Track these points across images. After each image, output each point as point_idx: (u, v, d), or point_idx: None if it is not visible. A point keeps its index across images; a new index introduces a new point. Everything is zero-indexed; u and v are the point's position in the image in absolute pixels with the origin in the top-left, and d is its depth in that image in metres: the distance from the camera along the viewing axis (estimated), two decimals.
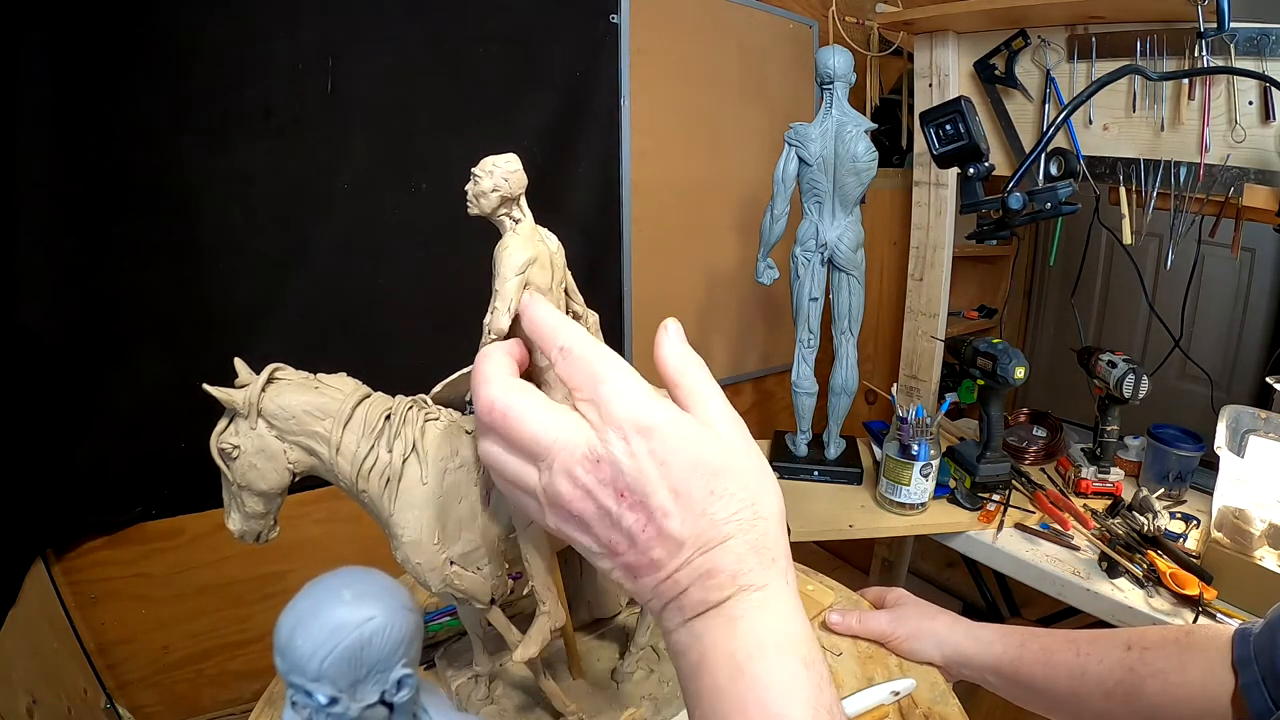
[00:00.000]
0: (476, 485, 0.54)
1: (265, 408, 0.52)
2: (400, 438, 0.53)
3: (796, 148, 1.23)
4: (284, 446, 0.53)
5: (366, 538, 1.36)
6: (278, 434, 0.52)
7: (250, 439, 0.52)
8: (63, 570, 1.06)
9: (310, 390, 0.53)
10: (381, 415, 0.54)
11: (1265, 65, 1.12)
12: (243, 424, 0.52)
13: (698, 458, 0.33)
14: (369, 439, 0.53)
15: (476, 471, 0.55)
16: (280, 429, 0.52)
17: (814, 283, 1.29)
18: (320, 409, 0.53)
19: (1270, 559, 0.99)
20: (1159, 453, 1.27)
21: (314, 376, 0.56)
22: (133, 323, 1.05)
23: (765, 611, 0.33)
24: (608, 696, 0.71)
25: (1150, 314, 1.62)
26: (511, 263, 0.53)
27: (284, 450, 0.53)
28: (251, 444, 0.52)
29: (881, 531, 1.25)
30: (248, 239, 1.13)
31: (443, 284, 1.31)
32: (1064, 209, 0.96)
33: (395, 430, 0.53)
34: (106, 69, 0.97)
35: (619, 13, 1.48)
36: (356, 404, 0.53)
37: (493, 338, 0.51)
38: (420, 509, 0.53)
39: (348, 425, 0.52)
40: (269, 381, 0.52)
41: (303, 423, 0.52)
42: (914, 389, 1.71)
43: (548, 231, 0.61)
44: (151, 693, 1.19)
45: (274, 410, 0.52)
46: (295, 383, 0.54)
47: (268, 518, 0.55)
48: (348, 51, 1.16)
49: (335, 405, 0.53)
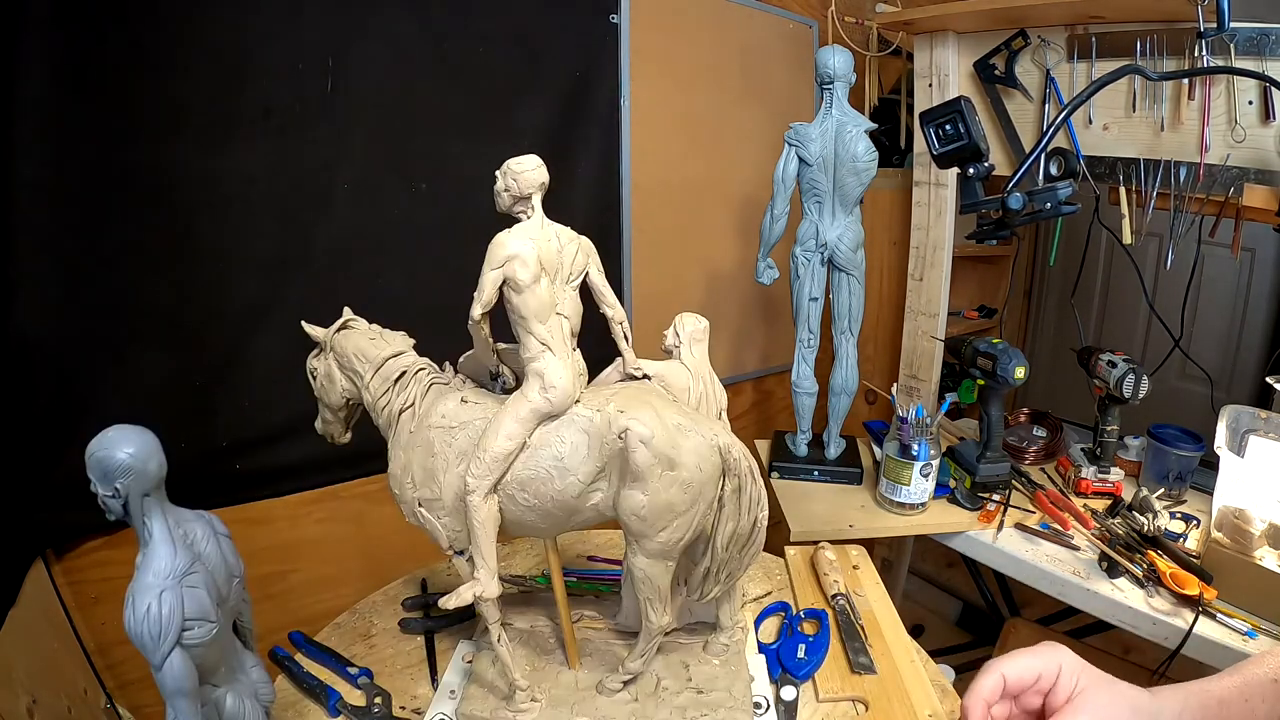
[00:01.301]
0: (450, 446, 0.64)
1: (334, 344, 0.68)
2: (404, 390, 0.66)
3: (796, 148, 1.23)
4: (341, 375, 0.68)
5: (367, 537, 1.36)
6: (339, 365, 0.68)
7: (323, 365, 0.70)
8: (63, 570, 1.06)
9: (367, 339, 0.68)
10: (399, 370, 0.67)
11: (1265, 65, 1.12)
12: (322, 355, 0.69)
13: None
14: (385, 386, 0.66)
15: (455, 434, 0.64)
16: (340, 362, 0.68)
17: (814, 283, 1.29)
18: (365, 354, 0.67)
19: (1270, 559, 0.99)
20: (1159, 453, 1.27)
21: (377, 329, 0.70)
22: (133, 323, 1.05)
23: None
24: (578, 699, 0.72)
25: (1150, 314, 1.62)
26: (491, 258, 0.61)
27: (340, 378, 0.69)
28: (323, 369, 0.70)
29: (881, 531, 1.25)
30: (248, 239, 1.13)
31: (443, 283, 1.30)
32: (1064, 209, 0.96)
33: (405, 385, 0.66)
34: (106, 69, 0.97)
35: (619, 13, 1.48)
36: (389, 357, 0.67)
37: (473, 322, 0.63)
38: (404, 451, 0.65)
39: (378, 372, 0.66)
40: (343, 326, 0.69)
41: (351, 362, 0.67)
42: (914, 389, 1.71)
43: (563, 228, 0.64)
44: (151, 693, 1.17)
45: (338, 348, 0.68)
46: (360, 331, 0.69)
47: (335, 425, 0.73)
48: (348, 51, 1.16)
49: (375, 354, 0.67)
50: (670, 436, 0.61)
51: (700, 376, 0.75)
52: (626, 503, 0.62)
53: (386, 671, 0.81)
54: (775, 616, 0.91)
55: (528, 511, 0.65)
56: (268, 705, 0.59)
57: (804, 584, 0.98)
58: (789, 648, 0.82)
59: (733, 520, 0.66)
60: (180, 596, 0.46)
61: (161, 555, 0.47)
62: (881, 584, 1.00)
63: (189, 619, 0.46)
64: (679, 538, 0.64)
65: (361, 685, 0.78)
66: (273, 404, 1.18)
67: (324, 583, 1.30)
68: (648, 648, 0.72)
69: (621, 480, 0.63)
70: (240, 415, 1.15)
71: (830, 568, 0.98)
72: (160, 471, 0.49)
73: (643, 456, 0.60)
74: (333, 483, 1.31)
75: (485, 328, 0.65)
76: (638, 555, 0.65)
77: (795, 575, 1.00)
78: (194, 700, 0.47)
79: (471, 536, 0.64)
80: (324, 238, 1.20)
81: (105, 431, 0.48)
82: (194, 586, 0.47)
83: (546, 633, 0.82)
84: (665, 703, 0.71)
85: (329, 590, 1.28)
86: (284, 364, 1.17)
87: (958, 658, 1.80)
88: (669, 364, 0.75)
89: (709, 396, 0.76)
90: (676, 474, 0.61)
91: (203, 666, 0.49)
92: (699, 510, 0.63)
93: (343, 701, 0.75)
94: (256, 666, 0.58)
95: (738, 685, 0.74)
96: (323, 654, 0.83)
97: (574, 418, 0.64)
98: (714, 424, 0.67)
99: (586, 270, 0.66)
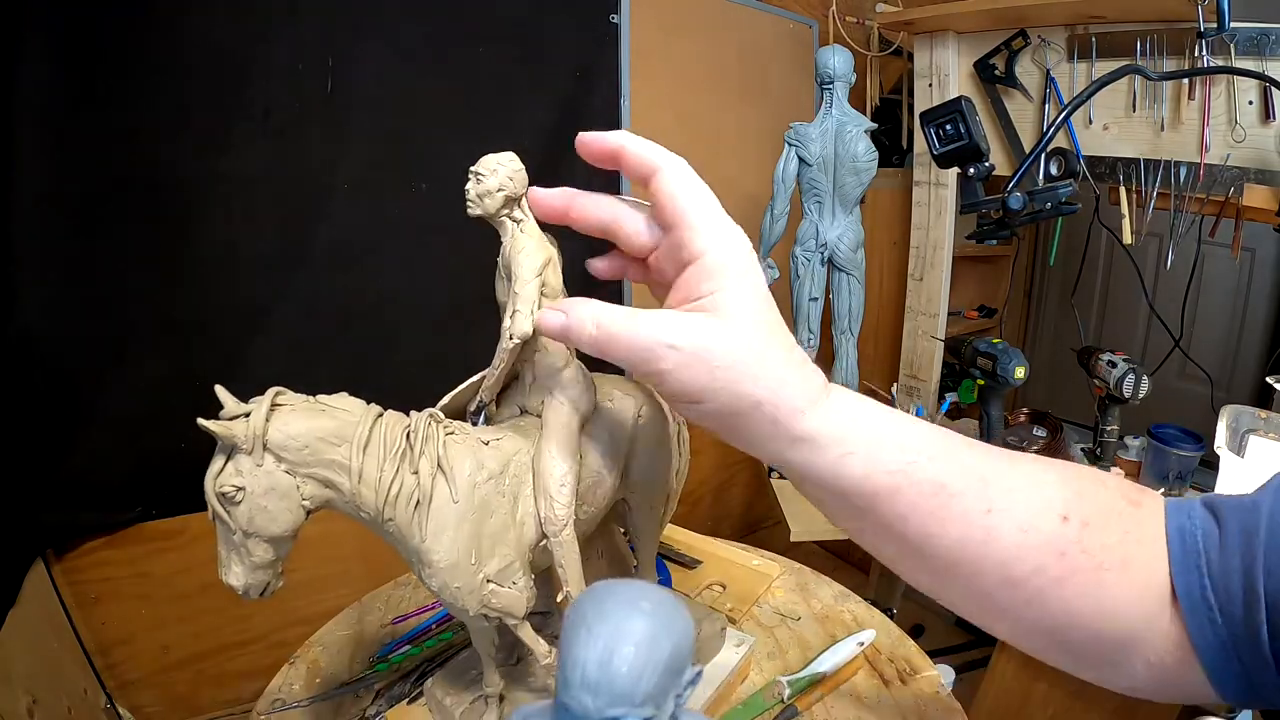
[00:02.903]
0: (504, 496, 0.52)
1: (272, 439, 0.44)
2: (425, 456, 0.49)
3: (796, 148, 1.23)
4: (296, 482, 0.45)
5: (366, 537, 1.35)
6: (288, 468, 0.45)
7: (256, 477, 0.44)
8: (63, 570, 1.06)
9: (319, 414, 0.46)
10: (402, 434, 0.49)
11: (1265, 65, 1.12)
12: (245, 460, 0.44)
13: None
14: (392, 461, 0.47)
15: (503, 482, 0.52)
16: (291, 461, 0.45)
17: (814, 283, 1.29)
18: (335, 434, 0.46)
19: None
20: (1159, 453, 1.27)
21: (316, 399, 0.49)
22: (132, 323, 1.05)
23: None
24: None
25: (1150, 314, 1.62)
26: (531, 265, 0.51)
27: (296, 486, 0.45)
28: (258, 483, 0.44)
29: None
30: (247, 239, 1.13)
31: (443, 284, 1.31)
32: (1064, 209, 0.97)
33: (419, 449, 0.49)
34: (106, 69, 0.97)
35: (619, 13, 1.48)
36: (373, 424, 0.48)
37: (515, 342, 0.50)
38: (454, 530, 0.50)
39: (367, 449, 0.47)
40: (272, 408, 0.45)
41: (317, 451, 0.45)
42: (914, 389, 1.71)
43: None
44: (151, 693, 1.18)
45: (282, 441, 0.44)
46: (301, 408, 0.46)
47: (275, 565, 0.47)
48: (348, 51, 1.16)
49: (350, 428, 0.47)
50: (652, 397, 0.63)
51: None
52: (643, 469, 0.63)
53: None
54: None
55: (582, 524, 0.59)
56: None
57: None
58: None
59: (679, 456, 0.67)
60: None
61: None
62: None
63: None
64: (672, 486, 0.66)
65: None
66: None
67: (324, 583, 1.30)
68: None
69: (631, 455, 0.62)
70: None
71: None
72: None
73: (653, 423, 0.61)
74: None
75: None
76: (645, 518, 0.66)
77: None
78: None
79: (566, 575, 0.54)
80: (324, 238, 1.20)
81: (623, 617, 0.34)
82: None
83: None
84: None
85: (329, 590, 1.28)
86: (284, 364, 1.18)
87: (958, 658, 1.80)
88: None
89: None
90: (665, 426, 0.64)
91: None
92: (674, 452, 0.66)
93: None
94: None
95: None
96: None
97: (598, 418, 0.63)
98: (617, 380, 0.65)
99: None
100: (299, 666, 0.75)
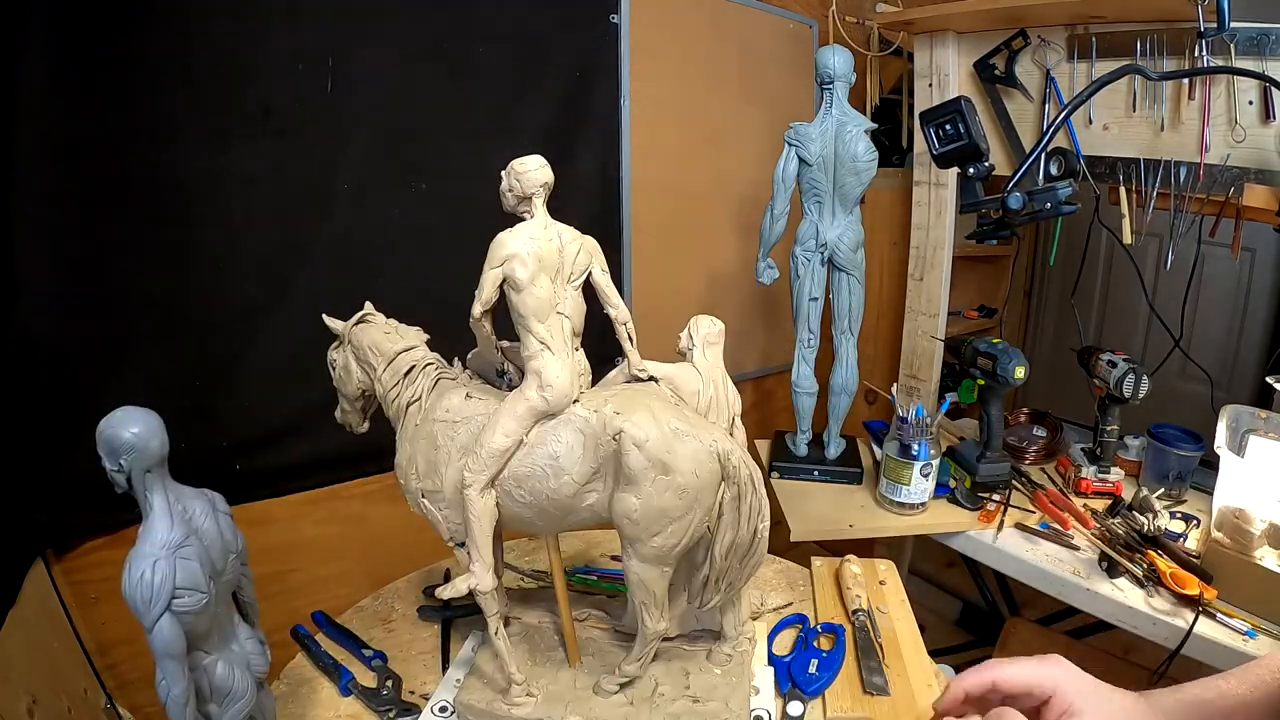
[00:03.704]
0: (453, 440, 0.65)
1: (351, 337, 0.70)
2: (413, 384, 0.68)
3: (796, 147, 1.23)
4: (357, 367, 0.70)
5: (366, 537, 1.36)
6: (355, 358, 0.70)
7: (341, 357, 0.71)
8: (63, 570, 1.06)
9: (382, 333, 0.70)
10: (409, 364, 0.68)
11: (1265, 65, 1.12)
12: (340, 347, 0.71)
13: None
14: (395, 379, 0.68)
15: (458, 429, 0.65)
16: (356, 355, 0.70)
17: (814, 282, 1.29)
18: (379, 348, 0.69)
19: (1270, 559, 0.99)
20: (1159, 452, 1.27)
21: (393, 323, 0.72)
22: (133, 323, 1.05)
23: None
24: (574, 697, 0.73)
25: (1150, 314, 1.62)
26: (493, 255, 0.62)
27: (356, 370, 0.70)
28: (341, 360, 0.71)
29: (881, 531, 1.25)
30: (248, 239, 1.13)
31: (443, 283, 1.30)
32: (1064, 209, 0.96)
33: (414, 379, 0.68)
34: (106, 69, 0.97)
35: (619, 13, 1.48)
36: (400, 351, 0.69)
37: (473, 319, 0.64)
38: (409, 443, 0.67)
39: (389, 365, 0.68)
40: (360, 320, 0.71)
41: (366, 355, 0.69)
42: (914, 389, 1.71)
43: (566, 228, 0.64)
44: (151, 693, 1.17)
45: (355, 340, 0.70)
46: (376, 325, 0.71)
47: (353, 415, 0.75)
48: (348, 51, 1.16)
49: (388, 348, 0.69)
50: (666, 440, 0.60)
51: (711, 381, 0.74)
52: (620, 505, 0.62)
53: (401, 656, 0.84)
54: (792, 629, 0.89)
55: (524, 508, 0.65)
56: (260, 676, 0.60)
57: (826, 596, 0.95)
58: (801, 662, 0.80)
59: (732, 529, 0.64)
60: (173, 566, 0.49)
61: (159, 528, 0.50)
62: (907, 602, 0.95)
63: (180, 588, 0.49)
64: (674, 544, 0.63)
65: (375, 668, 0.81)
66: (273, 404, 1.18)
67: (324, 583, 1.30)
68: (644, 652, 0.71)
69: (616, 482, 0.62)
70: (240, 415, 1.15)
71: (854, 581, 0.94)
72: (161, 450, 0.52)
73: (636, 459, 0.60)
74: (333, 483, 1.30)
75: (487, 326, 0.65)
76: (632, 559, 0.65)
77: (819, 587, 0.97)
78: (181, 663, 0.50)
79: (468, 530, 0.65)
80: (324, 238, 1.20)
81: (114, 411, 0.52)
82: (187, 559, 0.50)
83: (551, 629, 0.82)
84: (660, 709, 0.71)
85: (329, 590, 1.28)
86: (284, 364, 1.17)
87: (957, 658, 1.80)
88: (679, 366, 0.74)
89: (720, 401, 0.74)
90: (671, 479, 0.60)
91: (193, 633, 0.52)
92: (695, 517, 0.63)
93: (355, 682, 0.78)
94: (251, 639, 0.60)
95: (736, 697, 0.73)
96: (342, 635, 0.87)
97: (570, 418, 0.64)
98: (714, 429, 0.66)
99: (590, 270, 0.65)
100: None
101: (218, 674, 0.55)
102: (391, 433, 0.71)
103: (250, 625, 0.62)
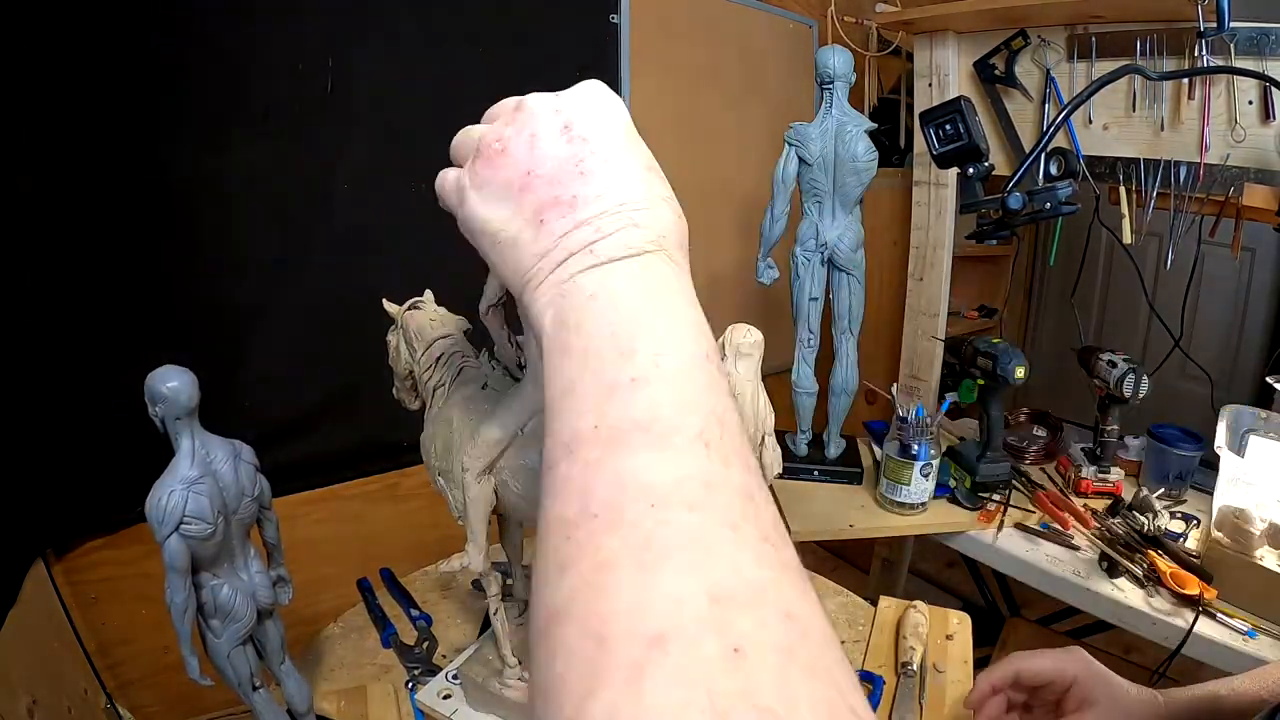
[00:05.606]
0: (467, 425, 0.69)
1: (403, 321, 0.75)
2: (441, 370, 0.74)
3: (796, 147, 1.23)
4: (405, 349, 0.75)
5: (366, 537, 1.36)
6: (405, 338, 0.75)
7: (395, 338, 0.76)
8: (63, 570, 1.06)
9: (427, 319, 0.75)
10: (440, 353, 0.74)
11: (1265, 65, 1.12)
12: (395, 329, 0.76)
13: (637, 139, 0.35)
14: (430, 364, 0.73)
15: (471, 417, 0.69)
16: (405, 337, 0.75)
17: (814, 282, 1.29)
18: (422, 333, 0.74)
19: (1270, 559, 0.99)
20: (1159, 452, 1.27)
21: (441, 311, 0.77)
22: (133, 323, 1.05)
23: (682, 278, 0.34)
24: None
25: (1150, 314, 1.62)
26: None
27: (404, 352, 0.75)
28: (394, 341, 0.76)
29: (882, 531, 1.25)
30: (247, 239, 1.13)
31: (443, 284, 1.30)
32: (1064, 209, 0.96)
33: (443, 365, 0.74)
34: (106, 68, 0.97)
35: (619, 13, 1.48)
36: (436, 339, 0.74)
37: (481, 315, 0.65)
38: (431, 424, 0.72)
39: (426, 351, 0.73)
40: (411, 306, 0.76)
41: (411, 338, 0.74)
42: (914, 389, 1.71)
43: None
44: (151, 693, 1.18)
45: (404, 324, 0.75)
46: (424, 311, 0.76)
47: (405, 392, 0.79)
48: (348, 51, 1.16)
49: (428, 334, 0.73)
50: None
51: (740, 394, 0.72)
52: None
53: (447, 623, 0.92)
54: None
55: (520, 500, 0.66)
56: (265, 607, 0.69)
57: (882, 641, 0.88)
58: None
59: None
60: (185, 498, 0.59)
61: (181, 465, 0.61)
62: (971, 663, 0.85)
63: (189, 515, 0.59)
64: None
65: (419, 628, 0.90)
66: (272, 404, 1.18)
67: (324, 583, 1.29)
68: None
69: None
70: (240, 415, 1.15)
71: (913, 631, 0.86)
72: (190, 404, 0.62)
73: None
74: (333, 483, 1.30)
75: (495, 321, 0.66)
76: None
77: (878, 630, 0.90)
78: (184, 576, 0.60)
79: (465, 512, 0.68)
80: (324, 238, 1.20)
81: (160, 368, 0.64)
82: (199, 494, 0.60)
83: None
84: None
85: (329, 590, 1.28)
86: (284, 364, 1.18)
87: None
88: None
89: (745, 416, 0.72)
90: None
91: (201, 556, 0.62)
92: None
93: (395, 636, 0.88)
94: (261, 573, 0.68)
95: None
96: (399, 593, 0.98)
97: None
98: None
99: None
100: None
101: (222, 595, 0.65)
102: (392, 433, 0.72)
103: (275, 563, 0.72)
